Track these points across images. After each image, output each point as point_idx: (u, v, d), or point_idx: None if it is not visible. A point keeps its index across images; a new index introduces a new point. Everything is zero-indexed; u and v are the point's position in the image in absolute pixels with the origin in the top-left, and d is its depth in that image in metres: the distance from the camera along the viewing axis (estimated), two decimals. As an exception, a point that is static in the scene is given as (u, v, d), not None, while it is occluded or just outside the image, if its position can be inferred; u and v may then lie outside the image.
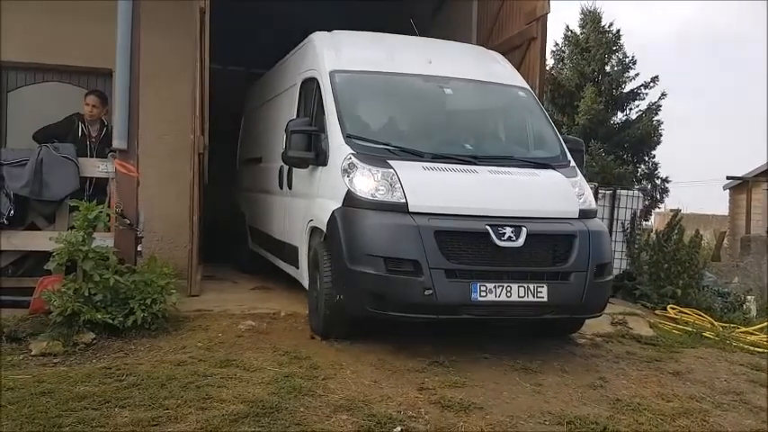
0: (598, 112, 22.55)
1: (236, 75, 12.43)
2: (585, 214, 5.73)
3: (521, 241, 5.21)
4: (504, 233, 5.18)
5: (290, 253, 6.85)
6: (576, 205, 5.70)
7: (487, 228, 5.17)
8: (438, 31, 10.64)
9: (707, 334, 6.74)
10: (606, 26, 24.05)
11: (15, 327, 5.38)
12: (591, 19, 24.15)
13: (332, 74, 6.17)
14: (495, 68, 7.04)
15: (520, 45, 8.32)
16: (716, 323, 7.38)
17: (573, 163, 6.20)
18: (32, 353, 5.00)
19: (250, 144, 9.54)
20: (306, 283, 6.21)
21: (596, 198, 8.86)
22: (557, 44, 25.12)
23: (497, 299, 5.10)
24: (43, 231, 6.09)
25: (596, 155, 21.81)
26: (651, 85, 23.81)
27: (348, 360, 4.96)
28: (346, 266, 5.21)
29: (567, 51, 24.63)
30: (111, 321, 5.30)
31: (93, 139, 6.90)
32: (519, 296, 5.14)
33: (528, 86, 6.96)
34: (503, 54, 8.48)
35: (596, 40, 23.57)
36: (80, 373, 4.48)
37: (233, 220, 9.96)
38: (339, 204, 5.43)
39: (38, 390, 4.12)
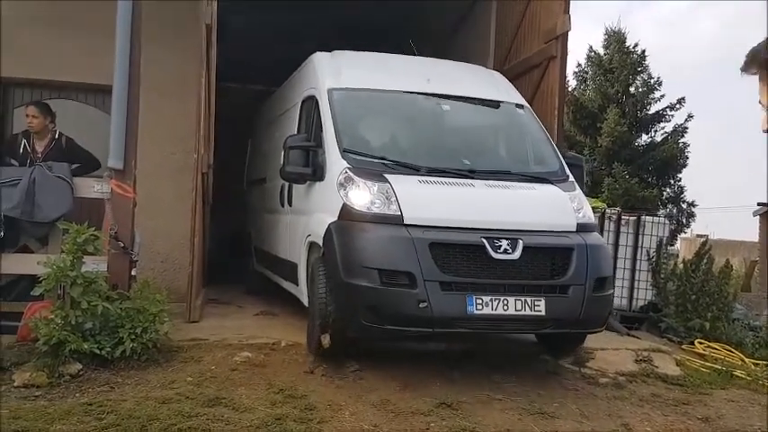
0: (622, 134, 22.15)
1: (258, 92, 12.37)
2: (584, 228, 5.67)
3: (517, 254, 5.15)
4: (500, 246, 5.15)
5: (290, 270, 6.82)
6: (573, 219, 5.66)
7: (483, 240, 5.13)
8: (455, 51, 10.41)
9: (738, 373, 6.28)
10: (631, 47, 23.67)
11: (1, 355, 5.12)
12: (615, 39, 23.79)
13: (330, 91, 6.25)
14: (493, 86, 7.08)
15: (539, 64, 7.99)
16: (747, 360, 6.89)
17: (572, 178, 6.16)
18: (15, 384, 4.72)
19: (256, 165, 9.56)
20: (305, 300, 6.16)
21: (619, 225, 8.51)
22: (579, 65, 24.81)
23: (494, 312, 5.02)
24: (35, 254, 5.83)
25: (620, 177, 21.38)
26: (677, 106, 23.36)
27: (348, 399, 4.59)
28: (341, 279, 5.15)
29: (590, 72, 24.27)
30: (98, 352, 4.99)
31: (39, 155, 6.47)
32: (516, 309, 5.07)
33: (526, 103, 6.93)
34: (521, 73, 8.28)
35: (620, 61, 23.20)
36: (60, 410, 4.18)
37: (239, 241, 9.97)
38: (335, 218, 5.41)
39: (11, 427, 3.83)
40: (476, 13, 9.91)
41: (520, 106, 6.86)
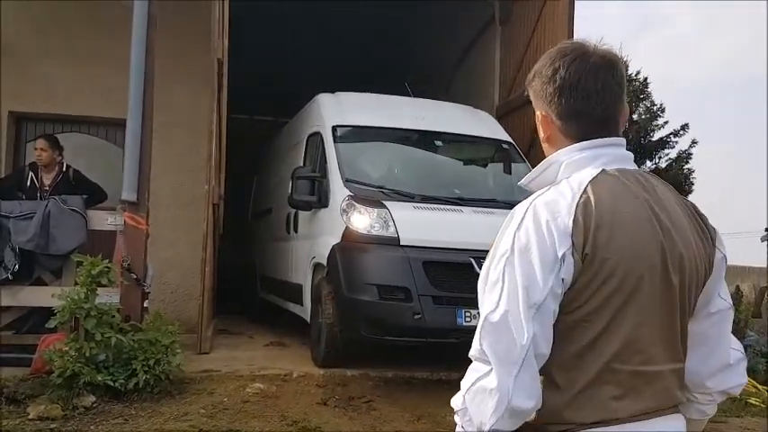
0: (626, 161, 22.14)
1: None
2: None
3: None
4: None
5: (295, 292, 7.33)
6: None
7: (471, 259, 5.60)
8: (459, 83, 10.55)
9: (752, 400, 6.24)
10: (633, 74, 23.79)
11: (15, 387, 5.11)
12: (618, 67, 23.92)
13: (334, 128, 6.87)
14: (481, 125, 7.71)
15: (545, 93, 8.06)
16: (760, 387, 6.85)
17: None
18: (30, 416, 4.70)
19: (262, 198, 10.06)
20: (308, 318, 6.73)
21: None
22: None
23: None
24: (49, 287, 5.86)
25: (625, 204, 21.39)
26: (681, 132, 23.35)
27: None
28: (344, 295, 5.74)
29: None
30: (112, 384, 5.00)
31: (47, 188, 6.48)
32: None
33: (511, 140, 7.59)
34: (527, 102, 8.30)
35: (623, 89, 23.27)
36: (74, 443, 4.19)
37: (245, 271, 10.31)
38: (338, 240, 5.98)
39: (27, 461, 3.83)
40: (480, 43, 10.04)
41: (505, 142, 7.51)
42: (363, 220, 5.92)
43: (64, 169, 6.64)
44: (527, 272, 1.34)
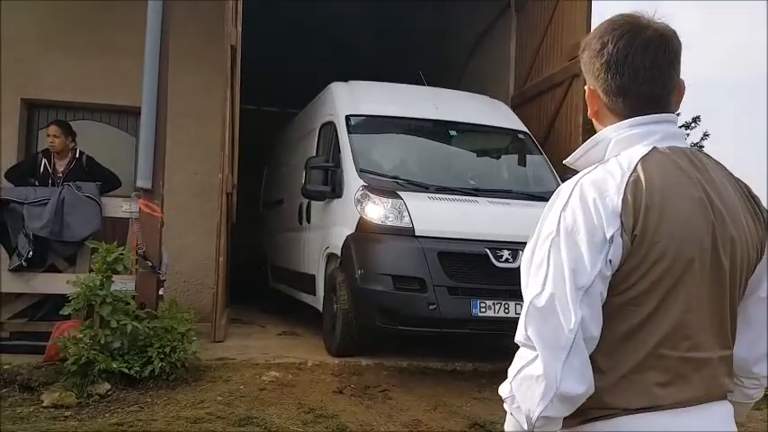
0: (637, 154, 22.03)
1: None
2: None
3: (517, 263, 5.85)
4: (502, 255, 5.72)
5: (307, 282, 7.31)
6: None
7: (486, 250, 5.69)
8: (473, 72, 10.45)
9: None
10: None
11: (29, 375, 5.10)
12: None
13: (347, 117, 6.81)
14: (497, 114, 7.61)
15: (561, 82, 7.98)
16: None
17: None
18: (44, 404, 4.68)
19: (273, 188, 10.01)
20: (321, 308, 6.73)
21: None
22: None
23: (496, 315, 5.58)
24: (63, 274, 5.84)
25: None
26: (692, 125, 23.20)
27: (378, 419, 4.55)
28: (358, 285, 5.72)
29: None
30: (127, 371, 4.97)
31: (60, 175, 6.39)
32: (516, 313, 5.48)
33: (527, 130, 7.49)
34: (544, 91, 8.29)
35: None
36: (90, 430, 4.19)
37: (256, 261, 10.31)
38: (352, 230, 5.98)
39: (42, 449, 3.81)
40: (495, 32, 9.94)
41: (521, 132, 7.41)
42: (378, 211, 5.91)
43: (77, 156, 6.59)
44: (574, 254, 1.29)
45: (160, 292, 5.74)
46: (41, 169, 6.51)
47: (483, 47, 10.35)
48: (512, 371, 1.34)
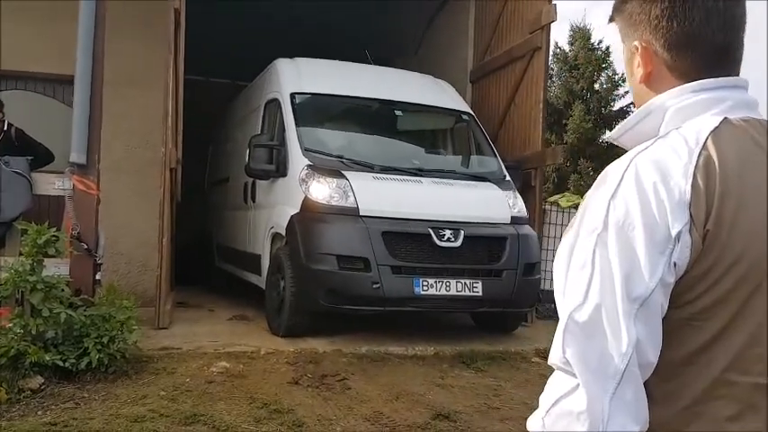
0: (587, 131, 22.14)
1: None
2: (517, 220, 6.39)
3: (459, 242, 5.86)
4: (444, 235, 5.83)
5: (253, 262, 7.25)
6: (508, 213, 6.37)
7: (429, 230, 5.81)
8: (432, 42, 10.11)
9: None
10: (596, 43, 23.70)
11: (-49, 369, 4.64)
12: (580, 36, 23.76)
13: (292, 95, 6.73)
14: (443, 95, 7.61)
15: (522, 56, 7.72)
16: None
17: (508, 178, 6.84)
18: (-32, 401, 4.26)
19: (218, 166, 9.85)
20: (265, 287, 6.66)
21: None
22: (545, 61, 24.71)
23: (438, 293, 5.71)
24: (-10, 257, 5.33)
25: (585, 173, 21.41)
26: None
27: (338, 413, 4.25)
28: (304, 265, 5.74)
29: (555, 69, 24.18)
30: (61, 364, 4.55)
31: None
32: (457, 291, 5.76)
33: (471, 111, 7.56)
34: (504, 65, 8.06)
35: (585, 58, 23.15)
36: (20, 430, 3.76)
37: (201, 240, 10.07)
38: (297, 210, 5.98)
39: (-36, 453, 3.40)
40: (454, 3, 9.59)
41: (465, 113, 7.47)
42: (323, 190, 5.92)
43: (5, 128, 6.07)
44: (628, 255, 1.00)
45: (97, 277, 5.29)
46: None
47: (441, 18, 9.97)
48: (545, 401, 1.04)
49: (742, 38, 1.15)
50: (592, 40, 23.71)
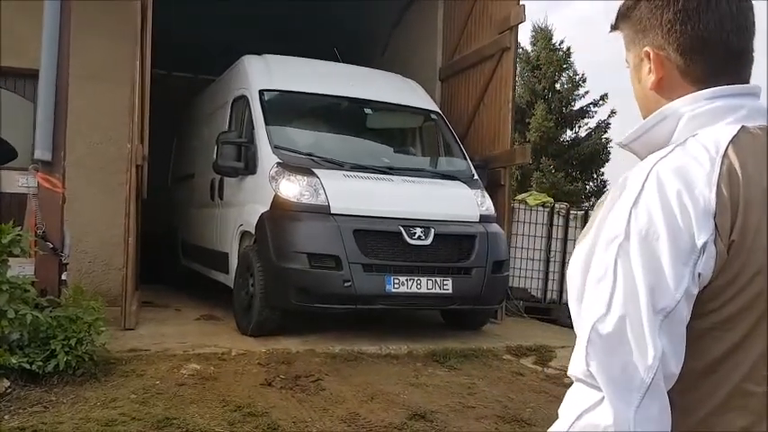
0: (549, 130, 22.42)
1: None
2: (486, 219, 6.47)
3: (429, 240, 5.93)
4: (415, 233, 5.88)
5: (220, 260, 7.15)
6: (477, 211, 6.45)
7: (400, 228, 5.85)
8: (400, 43, 10.08)
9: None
10: (557, 44, 23.99)
11: None
12: (542, 36, 24.03)
13: (261, 92, 6.65)
14: (411, 94, 7.63)
15: (491, 56, 7.75)
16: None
17: (476, 176, 6.90)
18: (-69, 407, 4.11)
19: (183, 162, 9.63)
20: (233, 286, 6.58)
21: (567, 220, 8.48)
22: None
23: (409, 290, 5.76)
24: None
25: (547, 171, 21.68)
26: (600, 102, 23.82)
27: (313, 415, 4.21)
28: (274, 263, 5.69)
29: (518, 68, 24.40)
30: (28, 366, 4.42)
31: None
32: (428, 288, 5.83)
33: (439, 111, 7.65)
34: (473, 64, 8.09)
35: (547, 58, 23.42)
36: (-15, 437, 3.64)
37: (165, 237, 9.85)
38: (267, 208, 5.93)
39: (-73, 462, 3.28)
40: (422, 1, 9.57)
41: (433, 112, 7.52)
42: (293, 188, 5.90)
43: None
44: (652, 265, 0.99)
45: (63, 277, 5.17)
46: None
47: (409, 17, 9.95)
48: (567, 414, 1.03)
49: (752, 43, 1.15)
50: (553, 41, 24.02)
